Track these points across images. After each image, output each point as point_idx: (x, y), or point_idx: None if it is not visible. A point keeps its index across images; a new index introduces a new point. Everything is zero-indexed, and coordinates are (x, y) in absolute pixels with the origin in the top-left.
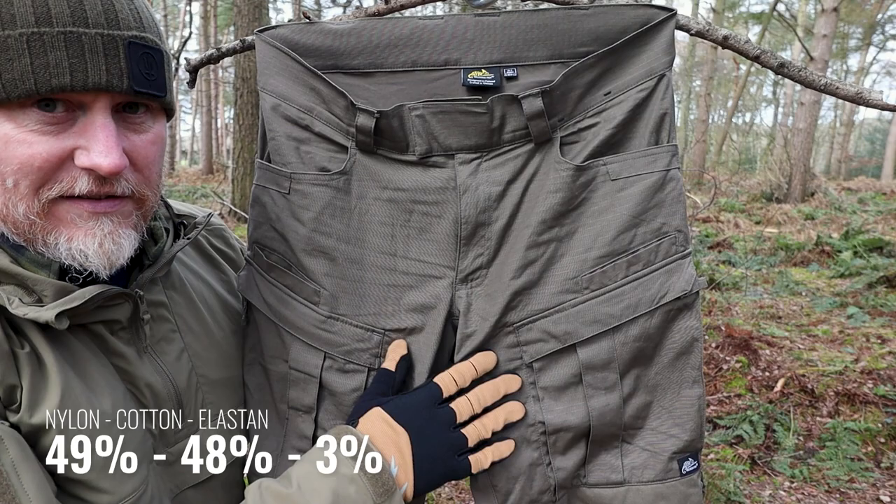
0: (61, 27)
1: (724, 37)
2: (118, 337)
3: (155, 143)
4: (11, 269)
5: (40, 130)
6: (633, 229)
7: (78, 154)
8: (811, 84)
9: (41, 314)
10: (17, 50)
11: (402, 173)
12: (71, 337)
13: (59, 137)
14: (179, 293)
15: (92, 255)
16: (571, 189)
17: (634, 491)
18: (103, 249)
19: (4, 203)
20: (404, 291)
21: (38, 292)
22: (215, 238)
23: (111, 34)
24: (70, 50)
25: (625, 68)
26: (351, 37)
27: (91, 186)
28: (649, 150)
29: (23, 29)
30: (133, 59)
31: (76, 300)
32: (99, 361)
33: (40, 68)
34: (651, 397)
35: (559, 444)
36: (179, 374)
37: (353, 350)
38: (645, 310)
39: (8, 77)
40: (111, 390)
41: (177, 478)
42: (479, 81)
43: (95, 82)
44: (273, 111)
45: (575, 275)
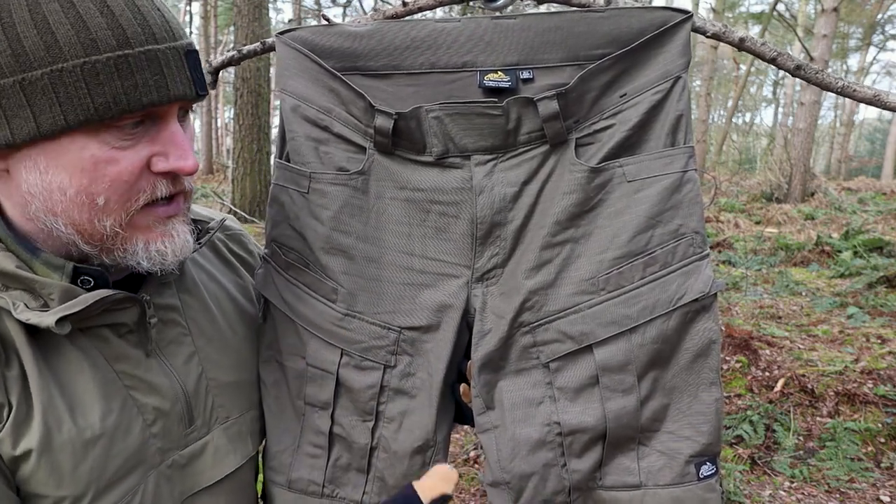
0: (140, 47)
1: (740, 39)
2: (125, 340)
3: (191, 136)
4: (18, 275)
5: (121, 147)
6: (649, 230)
7: (155, 161)
8: (828, 87)
9: (43, 319)
10: (106, 74)
11: (419, 174)
12: (67, 346)
13: (136, 149)
14: (193, 296)
15: (170, 254)
16: (586, 190)
17: (651, 494)
18: (178, 248)
19: (90, 219)
20: (420, 290)
21: (45, 296)
22: (233, 243)
23: (174, 47)
24: (152, 68)
25: (640, 70)
26: (369, 39)
27: (171, 188)
28: (666, 151)
29: (109, 53)
30: (191, 66)
31: (78, 305)
32: (96, 369)
33: (131, 89)
34: (668, 400)
35: (575, 445)
36: (188, 377)
37: (369, 347)
38: (662, 311)
39: (100, 101)
40: (104, 402)
41: (187, 481)
42: (496, 83)
43: (177, 94)
44: (293, 112)
45: (591, 276)
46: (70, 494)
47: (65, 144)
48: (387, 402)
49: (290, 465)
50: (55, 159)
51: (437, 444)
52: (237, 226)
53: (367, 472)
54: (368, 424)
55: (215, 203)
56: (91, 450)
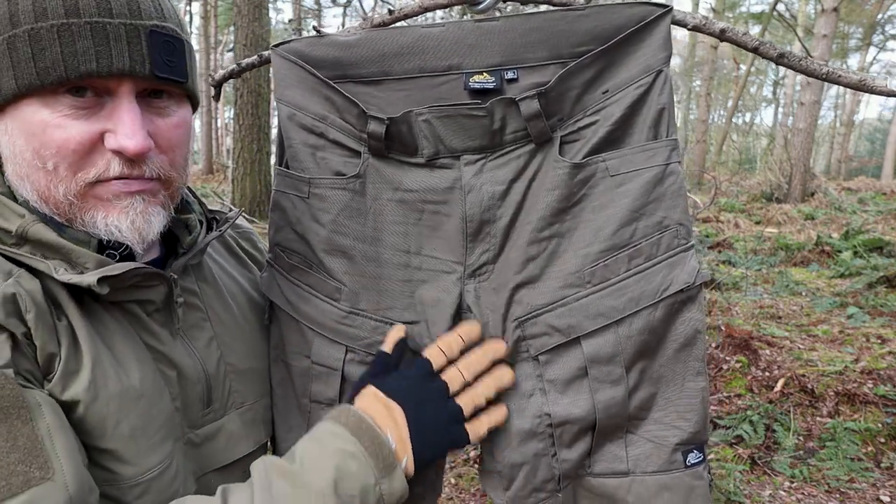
0: (87, 18)
1: (721, 30)
2: (153, 318)
3: (179, 127)
4: (58, 243)
5: (73, 115)
6: (633, 223)
7: (107, 137)
8: (812, 73)
9: (84, 278)
10: (48, 40)
11: (411, 175)
12: (105, 313)
13: (89, 121)
14: (210, 285)
15: (125, 229)
16: (570, 186)
17: (639, 481)
18: (135, 226)
19: (46, 185)
20: (417, 286)
21: (81, 264)
22: (244, 240)
23: (133, 24)
24: (96, 39)
25: (622, 66)
26: (359, 48)
27: (123, 169)
28: (648, 144)
29: (53, 21)
30: (155, 46)
31: (117, 269)
32: (130, 338)
33: (69, 56)
34: (655, 389)
35: (565, 436)
36: (209, 360)
37: (373, 342)
38: (648, 302)
39: (41, 65)
40: (140, 366)
41: (202, 460)
42: (481, 85)
43: (119, 67)
44: (290, 120)
45: (577, 269)
46: (114, 448)
47: (23, 108)
48: None
49: None
50: (17, 123)
51: None
52: (246, 224)
53: None
54: None
55: (215, 203)
56: (135, 407)
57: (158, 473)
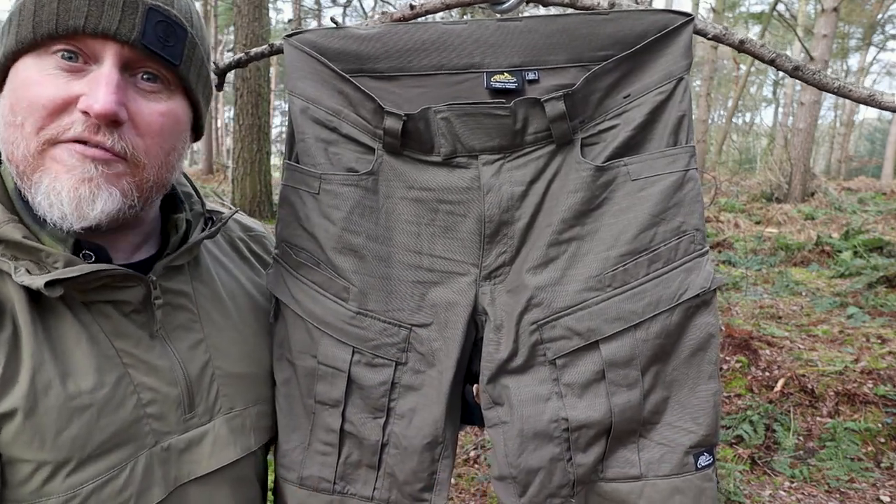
0: None
1: (740, 41)
2: (131, 319)
3: (164, 116)
4: (24, 244)
5: (57, 75)
6: (653, 228)
7: (81, 99)
8: (825, 87)
9: (34, 280)
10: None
11: (427, 173)
12: (68, 317)
13: (69, 83)
14: (206, 286)
15: (65, 195)
16: (592, 189)
17: (651, 485)
18: (77, 193)
19: (12, 141)
20: (429, 288)
21: (50, 265)
22: (255, 244)
23: None
24: (92, 0)
25: (644, 72)
26: (377, 42)
27: (84, 132)
28: (668, 150)
29: None
30: (150, 21)
31: (70, 272)
32: (94, 343)
33: (63, 12)
34: (668, 392)
35: (581, 440)
36: (192, 363)
37: (381, 345)
38: (666, 307)
39: (37, 19)
40: (98, 373)
41: (183, 467)
42: (502, 84)
43: (105, 27)
44: (302, 114)
45: (598, 273)
46: (52, 459)
47: (18, 67)
48: (397, 398)
49: (301, 463)
50: (10, 84)
51: (447, 440)
52: (260, 227)
53: (377, 468)
54: (379, 421)
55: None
56: (77, 417)
57: (102, 483)
